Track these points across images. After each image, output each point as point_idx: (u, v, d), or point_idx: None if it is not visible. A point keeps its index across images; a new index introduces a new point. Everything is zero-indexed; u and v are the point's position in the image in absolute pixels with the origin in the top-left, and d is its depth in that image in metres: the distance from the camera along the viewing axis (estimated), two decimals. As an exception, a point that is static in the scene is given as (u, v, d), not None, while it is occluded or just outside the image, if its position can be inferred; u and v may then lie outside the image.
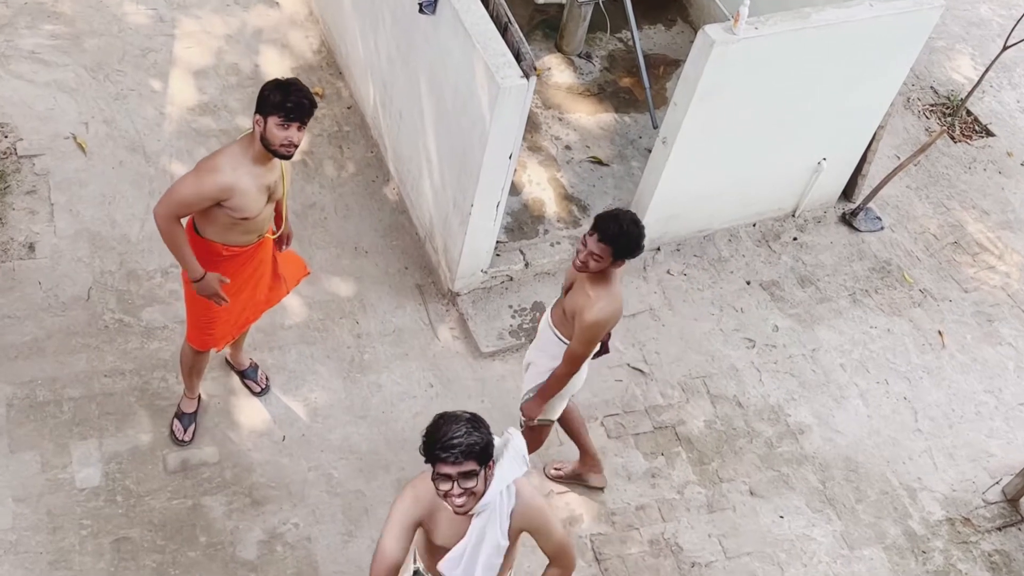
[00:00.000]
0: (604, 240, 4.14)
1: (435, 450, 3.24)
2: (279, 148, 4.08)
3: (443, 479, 3.27)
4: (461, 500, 3.30)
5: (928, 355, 6.27)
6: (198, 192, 4.14)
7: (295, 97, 4.00)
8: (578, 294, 4.35)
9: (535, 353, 4.70)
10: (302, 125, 4.07)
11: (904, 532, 5.49)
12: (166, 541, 4.82)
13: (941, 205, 7.10)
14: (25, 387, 5.16)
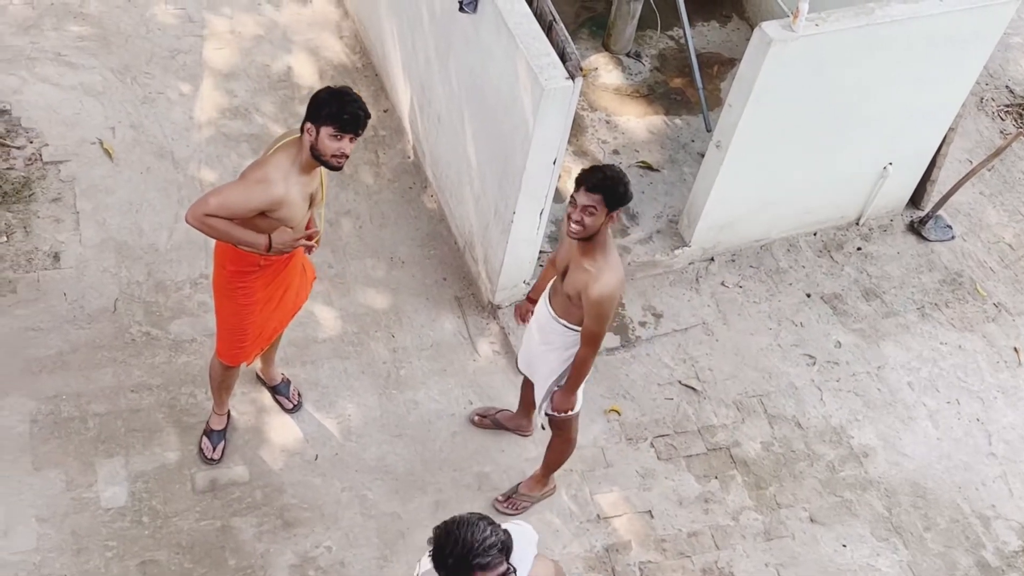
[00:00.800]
0: (593, 189, 4.19)
1: (473, 559, 3.21)
2: (330, 159, 4.19)
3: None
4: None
5: (1003, 373, 6.22)
6: (246, 202, 4.24)
7: (351, 108, 4.11)
8: (578, 274, 4.39)
9: (542, 349, 4.72)
10: (355, 137, 4.18)
11: (977, 563, 5.45)
12: (194, 564, 4.91)
13: (1017, 213, 7.05)
14: (50, 402, 5.28)
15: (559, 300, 4.58)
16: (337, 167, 4.24)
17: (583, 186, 4.23)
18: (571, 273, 4.45)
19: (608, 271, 4.32)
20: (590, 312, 4.37)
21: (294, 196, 4.29)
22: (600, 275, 4.31)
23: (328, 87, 4.23)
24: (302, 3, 7.32)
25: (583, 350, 4.53)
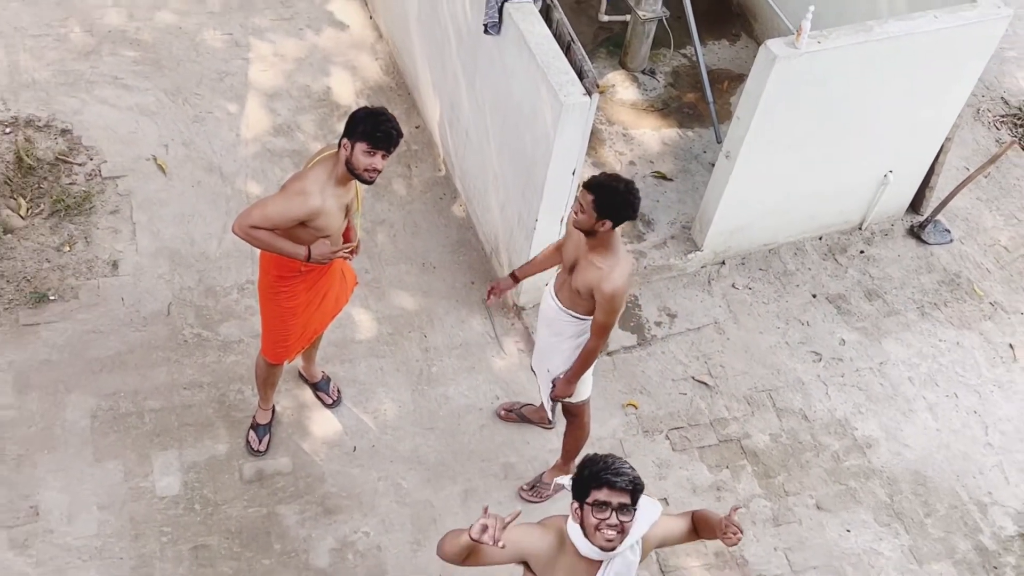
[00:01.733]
0: (588, 188, 4.21)
1: (605, 474, 3.25)
2: (363, 173, 4.26)
3: (601, 507, 3.26)
4: (612, 533, 3.28)
5: (999, 368, 6.19)
6: (286, 212, 4.31)
7: (384, 127, 4.18)
8: (587, 271, 4.38)
9: (554, 341, 4.72)
10: (387, 153, 4.24)
11: (975, 547, 5.43)
12: (242, 548, 4.98)
13: (1012, 217, 7.01)
14: (109, 399, 5.37)
15: (566, 293, 4.58)
16: (369, 181, 4.30)
17: (584, 184, 4.28)
18: (580, 269, 4.44)
19: (618, 267, 4.33)
20: (603, 306, 4.37)
21: (330, 207, 4.36)
22: (611, 272, 4.31)
23: (365, 107, 4.33)
24: (340, 28, 7.39)
25: (592, 341, 4.54)
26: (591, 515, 3.29)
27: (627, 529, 3.32)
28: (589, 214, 4.22)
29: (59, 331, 5.58)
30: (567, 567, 3.43)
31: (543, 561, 3.44)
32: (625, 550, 3.42)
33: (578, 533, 3.37)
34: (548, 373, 4.82)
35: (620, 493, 3.26)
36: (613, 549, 3.33)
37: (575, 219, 4.30)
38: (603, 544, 3.30)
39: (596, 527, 3.28)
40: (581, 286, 4.43)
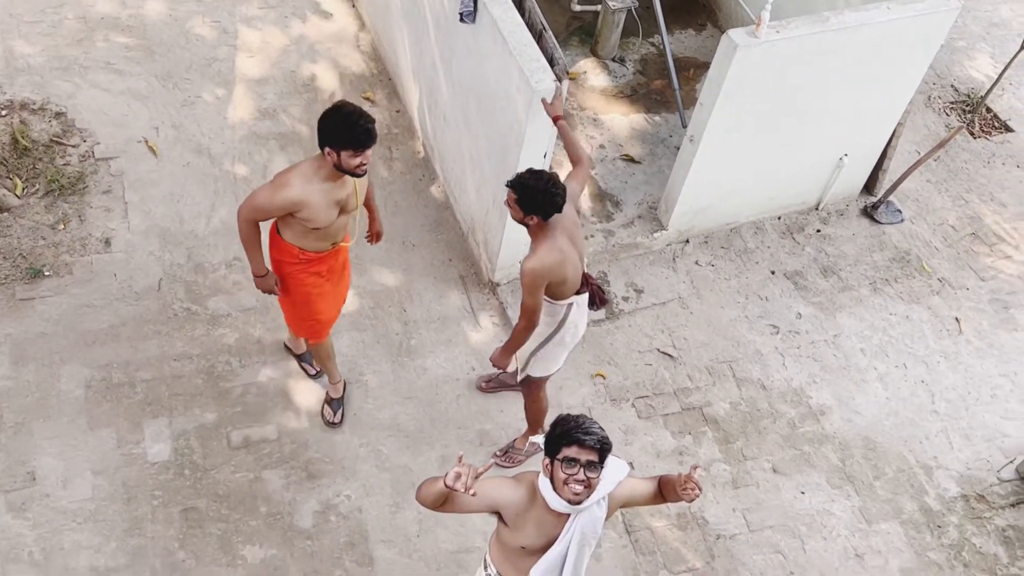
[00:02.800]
0: (509, 185, 4.23)
1: (576, 432, 3.29)
2: (355, 171, 4.21)
3: (570, 463, 3.30)
4: (580, 488, 3.32)
5: (945, 340, 6.23)
6: (270, 202, 4.30)
7: (359, 129, 4.10)
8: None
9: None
10: (372, 145, 4.18)
11: (920, 508, 5.48)
12: (230, 511, 4.97)
13: (960, 198, 7.04)
14: (102, 370, 5.34)
15: None
16: (362, 175, 4.26)
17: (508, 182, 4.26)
18: None
19: (540, 251, 4.24)
20: (522, 283, 4.29)
21: (316, 200, 4.30)
22: (533, 253, 4.25)
23: (331, 110, 4.16)
24: (324, 17, 7.32)
25: (519, 320, 4.44)
26: (560, 470, 3.33)
27: (594, 485, 3.36)
28: (515, 210, 4.26)
29: (54, 305, 5.54)
30: (537, 519, 3.48)
31: (514, 512, 3.49)
32: (592, 505, 3.45)
33: (548, 487, 3.41)
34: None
35: (588, 451, 3.29)
36: (580, 503, 3.38)
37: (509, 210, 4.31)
38: (570, 498, 3.34)
39: (565, 482, 3.33)
40: None
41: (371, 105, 6.79)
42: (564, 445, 3.32)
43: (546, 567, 3.56)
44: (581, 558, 3.58)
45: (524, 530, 3.51)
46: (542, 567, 3.56)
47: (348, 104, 4.19)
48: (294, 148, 6.47)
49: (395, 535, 5.00)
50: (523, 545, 3.55)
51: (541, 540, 3.53)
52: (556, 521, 3.48)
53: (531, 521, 3.50)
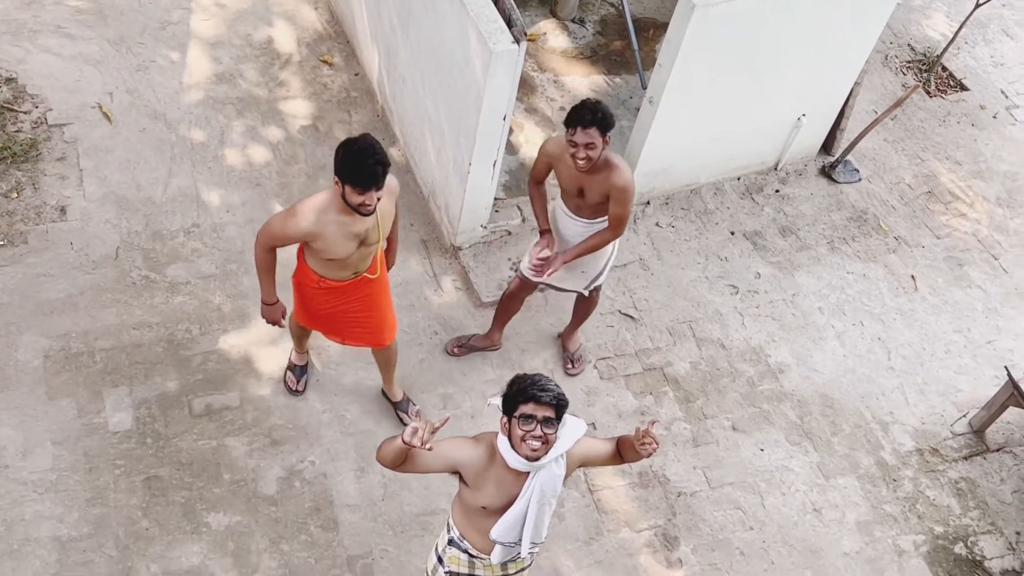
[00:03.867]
0: (589, 125, 4.34)
1: (532, 389, 3.32)
2: (358, 209, 4.05)
3: (527, 420, 3.33)
4: (537, 444, 3.34)
5: (901, 298, 6.31)
6: (283, 231, 4.21)
7: (365, 168, 3.92)
8: (597, 183, 4.61)
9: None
10: (377, 189, 4.00)
11: (876, 462, 5.57)
12: (193, 479, 4.94)
13: (916, 157, 7.09)
14: (60, 340, 5.27)
15: (586, 210, 4.80)
16: (365, 214, 4.08)
17: (578, 126, 4.37)
18: (590, 187, 4.66)
19: (621, 165, 4.58)
20: (619, 199, 4.61)
21: (329, 232, 4.16)
22: (618, 170, 4.56)
23: (347, 142, 4.00)
24: (280, -23, 7.19)
25: (611, 233, 4.79)
26: (517, 427, 3.36)
27: (551, 441, 3.40)
28: (600, 144, 4.41)
29: (9, 275, 5.44)
30: (496, 478, 3.50)
31: (474, 471, 3.51)
32: (550, 462, 3.48)
33: (506, 445, 3.43)
34: (583, 274, 5.07)
35: (545, 407, 3.33)
36: (537, 460, 3.41)
37: (588, 163, 4.45)
38: (528, 454, 3.38)
39: (522, 438, 3.36)
40: (599, 196, 4.67)
41: (329, 67, 6.70)
42: (521, 402, 3.34)
43: (506, 526, 3.59)
44: (542, 516, 3.61)
45: (484, 489, 3.54)
46: (502, 526, 3.59)
47: (367, 139, 4.00)
48: (251, 113, 6.37)
49: (360, 499, 5.01)
50: (484, 505, 3.58)
51: (501, 499, 3.55)
52: (515, 480, 3.51)
53: (491, 480, 3.52)
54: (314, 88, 6.60)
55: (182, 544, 4.74)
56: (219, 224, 5.85)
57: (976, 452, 5.69)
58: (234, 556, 4.75)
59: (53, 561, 4.61)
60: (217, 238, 5.79)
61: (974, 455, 5.68)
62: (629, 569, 4.98)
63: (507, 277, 5.89)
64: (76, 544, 4.67)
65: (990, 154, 7.21)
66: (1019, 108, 7.52)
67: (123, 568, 4.64)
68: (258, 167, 6.15)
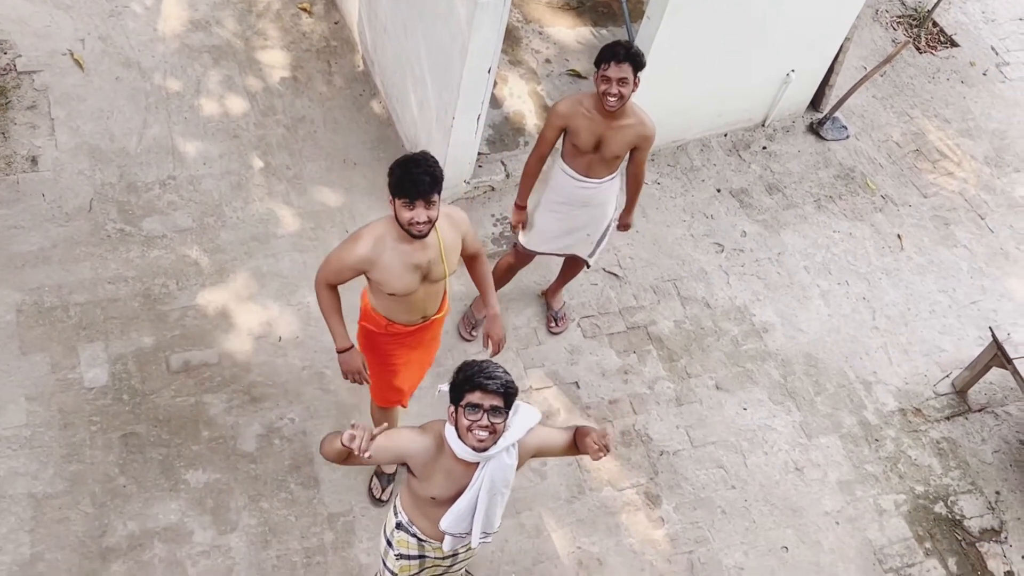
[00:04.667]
0: (623, 60, 4.35)
1: (478, 377, 3.21)
2: (408, 228, 3.75)
3: (473, 409, 3.23)
4: (484, 434, 3.25)
5: (887, 257, 6.33)
6: (340, 261, 3.94)
7: (414, 175, 3.65)
8: (621, 133, 4.60)
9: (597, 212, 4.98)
10: (428, 203, 3.69)
11: (859, 422, 5.62)
12: (171, 436, 4.93)
13: (905, 114, 7.08)
14: (33, 293, 5.21)
15: (598, 167, 4.76)
16: (417, 235, 3.76)
17: (612, 61, 4.36)
18: (610, 140, 4.62)
19: (645, 114, 4.62)
20: (647, 147, 4.70)
21: (387, 261, 3.88)
22: (644, 119, 4.60)
23: (403, 156, 3.75)
24: (257, -79, 7.04)
25: (640, 170, 4.85)
26: (464, 417, 3.25)
27: (499, 431, 3.29)
28: (631, 82, 4.40)
29: (-20, 227, 5.37)
30: (445, 469, 3.42)
31: (422, 462, 3.42)
32: (500, 452, 3.38)
33: (454, 435, 3.34)
34: (588, 236, 5.07)
35: (492, 396, 3.22)
36: (485, 450, 3.31)
37: (619, 100, 4.42)
38: (475, 444, 3.28)
39: (469, 428, 3.26)
40: (620, 149, 4.67)
41: (308, 16, 6.59)
42: (467, 391, 3.23)
43: (455, 517, 3.51)
44: (493, 507, 3.53)
45: (433, 480, 3.45)
46: (451, 517, 3.51)
47: (420, 152, 3.75)
48: (228, 62, 6.27)
49: (340, 457, 5.00)
50: (433, 496, 3.50)
51: (451, 490, 3.47)
52: (465, 470, 3.42)
53: (440, 471, 3.43)
54: (292, 37, 6.50)
55: (160, 502, 4.74)
56: (196, 176, 5.78)
57: (958, 412, 5.75)
58: (213, 513, 4.75)
59: (28, 518, 4.59)
60: (194, 191, 5.72)
61: (956, 415, 5.75)
62: (611, 527, 5.03)
63: (490, 234, 5.86)
64: (52, 501, 4.66)
65: (979, 112, 7.20)
66: (1009, 65, 7.51)
67: (100, 525, 4.63)
68: (235, 118, 6.06)
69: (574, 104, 4.62)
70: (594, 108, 4.55)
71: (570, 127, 4.66)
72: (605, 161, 4.72)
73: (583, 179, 4.80)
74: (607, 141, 4.63)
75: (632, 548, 4.99)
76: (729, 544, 5.08)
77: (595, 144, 4.65)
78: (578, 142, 4.68)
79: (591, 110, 4.56)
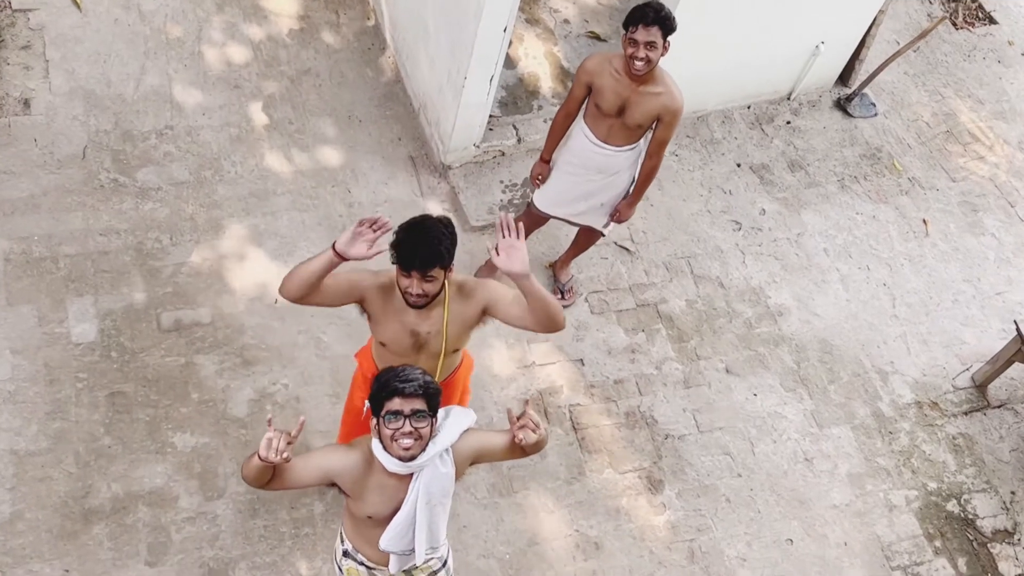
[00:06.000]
0: (652, 23, 4.30)
1: (393, 382, 3.13)
2: (404, 294, 3.58)
3: (394, 417, 3.13)
4: (409, 441, 3.15)
5: (911, 243, 6.27)
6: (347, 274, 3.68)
7: (411, 246, 3.47)
8: (645, 101, 4.55)
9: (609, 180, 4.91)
10: (424, 277, 3.49)
11: (873, 413, 5.59)
12: (159, 396, 4.91)
13: (937, 93, 6.99)
14: (22, 242, 5.17)
15: (619, 134, 4.71)
16: (412, 304, 3.58)
17: (640, 23, 4.31)
18: (634, 105, 4.56)
19: (676, 86, 4.55)
20: (671, 123, 4.60)
21: (379, 304, 3.72)
22: (673, 91, 4.54)
23: (413, 218, 3.57)
24: None
25: (657, 159, 4.78)
26: (386, 427, 3.16)
27: (425, 436, 3.20)
28: (660, 46, 4.35)
29: (-32, 171, 5.33)
30: (377, 485, 3.34)
31: (351, 479, 3.34)
32: (433, 460, 3.29)
33: (380, 448, 3.25)
34: (602, 207, 5.02)
35: (411, 399, 3.13)
36: (413, 458, 3.22)
37: (646, 65, 4.37)
38: (401, 454, 3.18)
39: (392, 437, 3.16)
40: (641, 118, 4.60)
41: (318, -36, 6.49)
42: (385, 399, 3.14)
43: (394, 534, 3.43)
44: (434, 519, 3.45)
45: (367, 498, 3.37)
46: (390, 535, 3.43)
47: (435, 220, 3.55)
48: (232, 8, 6.19)
49: (334, 425, 4.97)
50: (369, 515, 3.42)
51: (387, 507, 3.38)
52: (398, 484, 3.32)
53: (372, 488, 3.35)
54: (301, -15, 6.41)
55: (146, 464, 4.73)
56: (194, 127, 5.72)
57: (977, 407, 5.72)
58: (200, 479, 4.74)
59: (10, 475, 4.59)
60: (191, 142, 5.67)
61: (974, 410, 5.71)
62: (611, 511, 5.02)
63: (498, 201, 5.81)
64: (34, 459, 4.65)
65: (1015, 94, 7.11)
66: (1049, 47, 7.41)
67: (83, 486, 4.62)
68: (237, 68, 5.99)
69: (603, 62, 4.57)
70: (622, 70, 4.50)
71: (595, 85, 4.60)
72: (627, 129, 4.66)
73: (601, 144, 4.76)
74: (631, 106, 4.57)
75: (631, 533, 4.98)
76: (732, 534, 5.07)
77: (619, 108, 4.60)
78: (601, 103, 4.63)
79: (619, 71, 4.52)
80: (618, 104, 4.59)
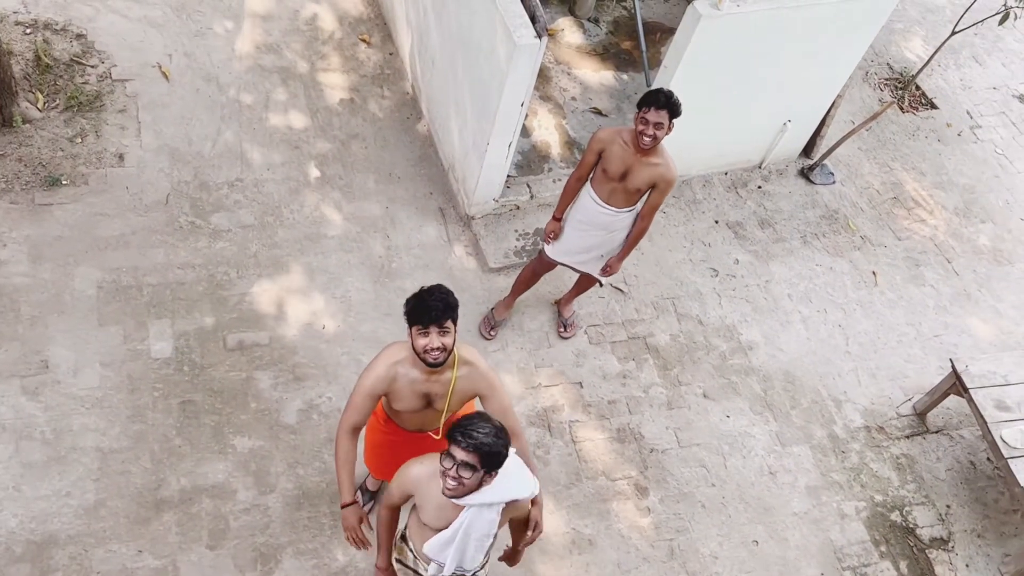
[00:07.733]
0: (662, 107, 4.33)
1: (456, 432, 3.10)
2: (423, 356, 3.44)
3: (448, 458, 3.12)
4: (452, 483, 3.14)
5: (862, 291, 6.28)
6: (361, 391, 3.62)
7: (425, 304, 3.37)
8: (645, 170, 4.57)
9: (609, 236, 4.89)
10: (441, 330, 3.39)
11: (828, 435, 5.58)
12: (223, 405, 4.95)
13: (886, 166, 7.03)
14: (112, 273, 5.25)
15: (620, 197, 4.71)
16: (430, 363, 3.44)
17: (653, 106, 4.34)
18: (634, 173, 4.59)
19: (672, 161, 4.58)
20: (664, 191, 4.63)
21: (399, 386, 3.60)
22: (670, 164, 4.57)
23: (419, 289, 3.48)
24: (328, -39, 7.07)
25: (647, 222, 4.80)
26: (441, 462, 3.17)
27: (467, 486, 3.15)
28: (666, 127, 4.40)
29: (70, 212, 5.41)
30: (437, 501, 3.33)
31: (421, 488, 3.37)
32: (481, 507, 3.27)
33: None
34: (601, 258, 5.02)
35: (464, 452, 3.08)
36: (454, 497, 3.21)
37: (653, 142, 4.42)
38: (443, 491, 3.19)
39: (443, 473, 3.16)
40: (641, 184, 4.61)
41: (367, 46, 6.61)
42: (451, 442, 3.12)
43: (437, 544, 3.44)
44: (468, 549, 3.43)
45: (426, 508, 3.38)
46: (434, 543, 3.45)
47: (437, 285, 3.48)
48: (294, 82, 6.30)
49: (369, 434, 5.00)
50: (425, 521, 3.44)
51: (439, 522, 3.39)
52: (453, 507, 3.31)
53: (432, 501, 3.34)
54: (352, 64, 6.53)
55: (210, 462, 4.75)
56: (260, 180, 5.80)
57: (917, 432, 5.70)
58: (255, 476, 4.76)
59: (95, 469, 4.62)
60: (257, 192, 5.75)
61: (915, 435, 5.69)
62: (603, 513, 5.01)
63: (513, 247, 5.86)
64: (116, 455, 4.68)
65: (952, 168, 7.15)
66: (982, 128, 7.46)
67: (156, 479, 4.65)
68: (297, 131, 6.09)
69: (614, 133, 4.62)
70: (630, 141, 4.54)
71: (606, 152, 4.64)
72: (627, 192, 4.67)
73: (603, 205, 4.77)
74: (632, 173, 4.59)
75: (620, 532, 4.96)
76: (706, 535, 5.05)
77: (622, 173, 4.62)
78: (608, 167, 4.65)
79: (627, 142, 4.56)
80: (622, 170, 4.61)
